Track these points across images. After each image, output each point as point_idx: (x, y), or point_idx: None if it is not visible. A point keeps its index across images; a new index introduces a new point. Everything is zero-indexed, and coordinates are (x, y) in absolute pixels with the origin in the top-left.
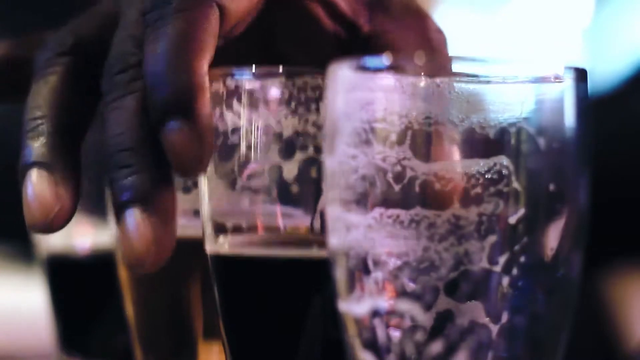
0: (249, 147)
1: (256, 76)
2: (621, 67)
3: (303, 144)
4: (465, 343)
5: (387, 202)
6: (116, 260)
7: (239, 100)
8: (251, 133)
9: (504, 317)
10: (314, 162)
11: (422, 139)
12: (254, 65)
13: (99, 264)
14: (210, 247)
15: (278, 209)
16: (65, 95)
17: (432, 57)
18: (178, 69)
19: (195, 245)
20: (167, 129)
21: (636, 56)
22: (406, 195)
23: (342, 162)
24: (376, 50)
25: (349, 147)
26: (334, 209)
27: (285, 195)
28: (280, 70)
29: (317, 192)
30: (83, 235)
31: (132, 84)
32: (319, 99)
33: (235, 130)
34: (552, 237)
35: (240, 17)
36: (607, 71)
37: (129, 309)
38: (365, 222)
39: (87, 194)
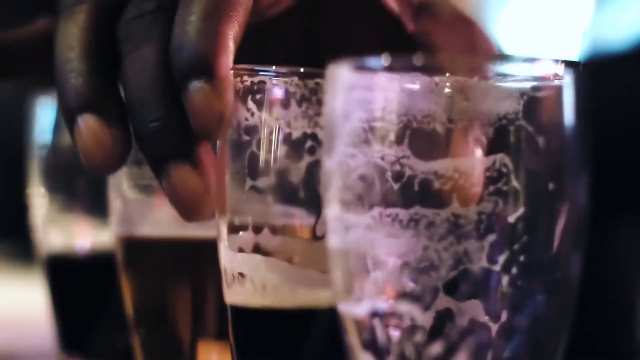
0: (257, 147)
1: (269, 75)
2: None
3: (311, 147)
4: (465, 343)
5: (386, 201)
6: (116, 260)
7: (253, 98)
8: (262, 131)
9: (504, 317)
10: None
11: (421, 138)
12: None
13: (99, 264)
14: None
15: (283, 210)
16: (96, 34)
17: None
18: (204, 32)
19: (195, 245)
20: (189, 88)
21: None
22: (405, 194)
23: (341, 161)
24: (420, 48)
25: (347, 146)
26: (333, 209)
27: (291, 197)
28: (294, 70)
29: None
30: (83, 235)
31: (149, 31)
32: None
33: (247, 128)
34: (552, 236)
35: None
36: (618, 34)
37: (129, 309)
38: (365, 222)
39: (87, 194)
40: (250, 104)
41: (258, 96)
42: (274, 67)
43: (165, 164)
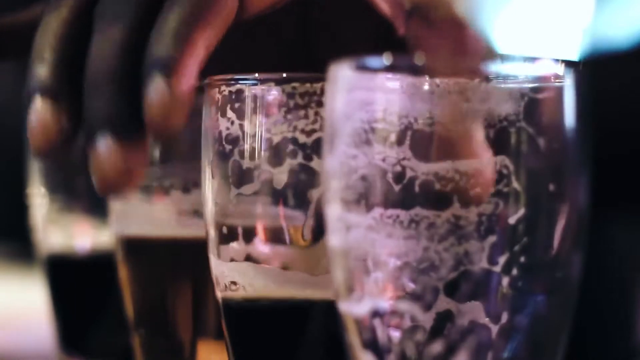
0: (240, 155)
1: (247, 83)
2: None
3: (292, 150)
4: (465, 343)
5: (387, 202)
6: (116, 260)
7: (232, 107)
8: (243, 139)
9: (504, 318)
10: (303, 169)
11: (422, 139)
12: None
13: (99, 264)
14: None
15: (270, 215)
16: (75, 26)
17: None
18: (176, 37)
19: (195, 245)
20: (148, 84)
21: None
22: (406, 195)
23: (342, 162)
24: (410, 51)
25: (348, 147)
26: (334, 209)
27: (277, 202)
28: (271, 77)
29: (307, 199)
30: (83, 235)
31: (122, 12)
32: (307, 105)
33: (228, 137)
34: (552, 237)
35: (263, 7)
36: (619, 31)
37: (129, 309)
38: (365, 223)
39: (87, 194)
40: (230, 114)
41: (237, 105)
42: (255, 75)
43: (97, 133)
